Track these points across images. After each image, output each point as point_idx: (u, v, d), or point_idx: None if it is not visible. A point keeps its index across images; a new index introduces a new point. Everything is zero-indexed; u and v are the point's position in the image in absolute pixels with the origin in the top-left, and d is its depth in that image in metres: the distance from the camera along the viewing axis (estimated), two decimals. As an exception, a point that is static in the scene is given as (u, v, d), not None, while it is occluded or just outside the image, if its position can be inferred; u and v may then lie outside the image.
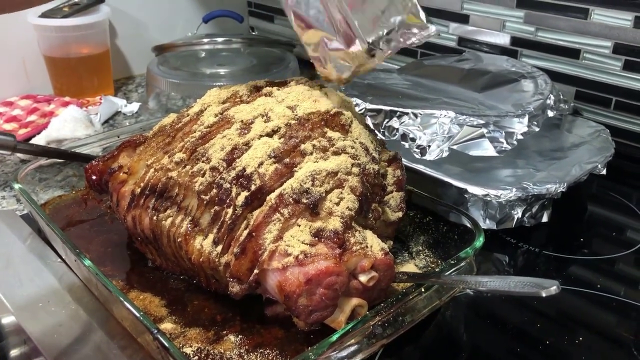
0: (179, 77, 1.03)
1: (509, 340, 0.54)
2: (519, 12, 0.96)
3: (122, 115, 1.05)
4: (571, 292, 0.60)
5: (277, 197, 0.48)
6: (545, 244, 0.68)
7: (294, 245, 0.47)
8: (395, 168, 0.58)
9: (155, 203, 0.54)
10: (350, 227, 0.48)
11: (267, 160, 0.49)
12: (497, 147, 0.69)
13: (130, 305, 0.47)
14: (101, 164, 0.61)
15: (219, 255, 0.50)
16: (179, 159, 0.53)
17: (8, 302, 0.56)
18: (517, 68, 0.89)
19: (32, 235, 0.66)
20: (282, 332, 0.52)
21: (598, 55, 0.90)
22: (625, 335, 0.54)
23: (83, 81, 1.09)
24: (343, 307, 0.48)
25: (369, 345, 0.45)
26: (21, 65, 1.10)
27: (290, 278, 0.46)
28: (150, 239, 0.56)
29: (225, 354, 0.49)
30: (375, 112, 0.76)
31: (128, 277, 0.59)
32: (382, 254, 0.49)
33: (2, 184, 0.80)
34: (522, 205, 0.66)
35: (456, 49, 1.07)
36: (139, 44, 1.23)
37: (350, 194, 0.49)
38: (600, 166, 0.72)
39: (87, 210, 0.69)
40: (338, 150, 0.50)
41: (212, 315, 0.54)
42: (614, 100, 0.90)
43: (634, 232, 0.71)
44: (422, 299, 0.49)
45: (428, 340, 0.54)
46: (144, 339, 0.49)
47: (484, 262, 0.65)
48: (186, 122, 0.56)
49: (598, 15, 0.88)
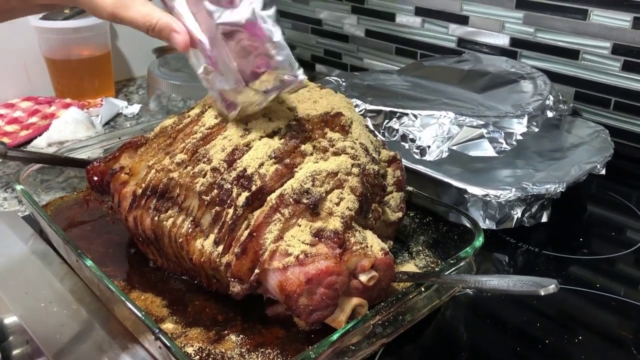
0: (180, 78, 1.04)
1: (509, 340, 0.54)
2: (518, 13, 0.97)
3: (123, 116, 1.05)
4: (571, 291, 0.61)
5: (277, 197, 0.48)
6: (544, 244, 0.68)
7: (294, 245, 0.47)
8: (395, 168, 0.58)
9: (157, 204, 0.54)
10: (350, 227, 0.49)
11: (267, 161, 0.49)
12: (496, 147, 0.70)
13: (132, 305, 0.47)
14: (102, 165, 0.61)
15: (220, 255, 0.50)
16: (180, 159, 0.53)
17: (10, 303, 0.56)
18: (517, 69, 0.90)
19: (34, 236, 0.66)
20: (283, 332, 0.52)
21: (597, 55, 0.90)
22: (624, 334, 0.55)
23: (84, 83, 1.09)
24: (343, 307, 0.49)
25: (369, 344, 0.46)
26: (22, 67, 1.10)
27: (291, 278, 0.46)
28: (152, 239, 0.56)
29: (226, 353, 0.50)
30: (375, 113, 0.76)
31: (129, 278, 0.60)
32: (382, 253, 0.49)
33: (4, 185, 0.80)
34: (521, 205, 0.66)
35: (456, 50, 1.07)
36: (140, 46, 1.23)
37: (350, 194, 0.49)
38: (599, 166, 0.72)
39: (89, 211, 0.70)
40: (338, 151, 0.51)
41: (214, 315, 0.54)
42: (613, 100, 0.90)
43: (634, 231, 0.71)
44: (422, 299, 0.50)
45: (428, 340, 0.54)
46: (146, 339, 0.49)
47: (484, 262, 0.65)
48: (187, 123, 0.56)
49: (597, 16, 0.88)
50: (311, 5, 1.30)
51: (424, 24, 1.11)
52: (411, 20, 1.13)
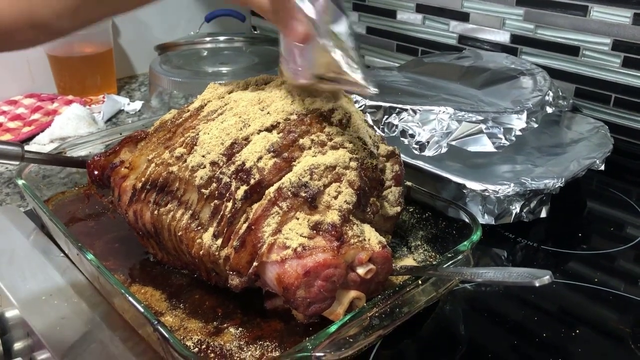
0: (182, 75, 1.04)
1: (507, 334, 0.54)
2: (519, 10, 0.97)
3: (125, 113, 1.06)
4: (569, 286, 0.61)
5: (275, 190, 0.48)
6: (544, 239, 0.68)
7: (292, 238, 0.47)
8: (393, 163, 0.59)
9: (156, 197, 0.55)
10: (348, 221, 0.49)
11: (266, 155, 0.50)
12: (495, 143, 0.70)
13: (131, 297, 0.48)
14: (103, 159, 0.62)
15: (219, 248, 0.50)
16: (180, 153, 0.53)
17: (12, 296, 0.57)
18: (517, 65, 0.90)
19: (36, 230, 0.67)
20: (282, 325, 0.52)
21: (597, 52, 0.90)
22: (622, 328, 0.55)
23: (86, 80, 1.10)
24: (341, 300, 0.49)
25: (367, 336, 0.46)
26: (25, 65, 1.11)
27: (289, 270, 0.47)
28: (152, 233, 0.57)
29: (225, 346, 0.50)
30: (374, 109, 0.76)
31: (130, 271, 0.60)
32: (380, 247, 0.49)
33: (6, 180, 0.81)
34: (520, 200, 0.67)
35: (457, 46, 1.08)
36: (142, 43, 1.24)
37: (348, 187, 0.50)
38: (598, 162, 0.72)
39: (90, 205, 0.70)
40: (336, 145, 0.51)
41: (213, 308, 0.54)
42: (613, 97, 0.91)
43: (633, 227, 0.71)
44: (419, 292, 0.50)
45: (426, 333, 0.54)
46: (145, 331, 0.49)
47: (483, 257, 0.66)
48: (186, 117, 0.57)
49: (597, 13, 0.88)
50: (312, 2, 1.31)
51: (424, 21, 1.11)
52: (412, 17, 1.13)
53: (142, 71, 1.27)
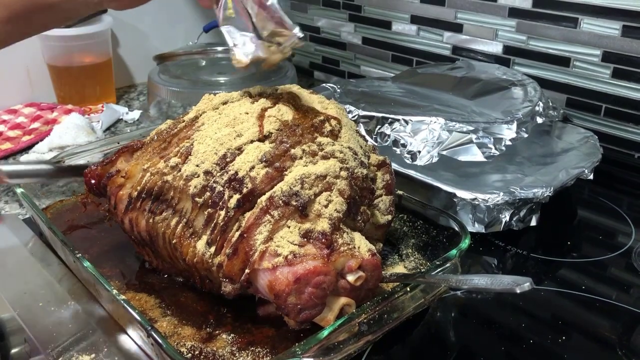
0: (180, 85, 1.06)
1: (497, 340, 0.55)
2: (511, 22, 0.98)
3: (124, 122, 1.07)
4: (558, 293, 0.62)
5: (267, 199, 0.49)
6: (534, 247, 0.69)
7: (283, 245, 0.48)
8: (384, 172, 0.60)
9: (152, 206, 0.56)
10: (338, 229, 0.50)
11: (258, 165, 0.51)
12: (485, 152, 0.71)
13: (126, 304, 0.49)
14: (100, 168, 0.63)
15: (212, 256, 0.52)
16: (174, 163, 0.55)
17: (9, 302, 0.58)
18: (508, 76, 0.91)
19: (34, 238, 0.68)
20: (273, 331, 0.53)
21: (588, 63, 0.92)
22: (610, 335, 0.56)
23: (86, 89, 1.11)
24: (332, 306, 0.50)
25: (356, 342, 0.47)
26: (25, 74, 1.13)
27: (280, 277, 0.48)
28: (147, 241, 0.58)
29: (217, 351, 0.51)
30: (367, 119, 0.78)
31: (125, 278, 0.61)
32: (370, 254, 0.50)
33: (5, 188, 0.82)
34: (509, 209, 0.68)
35: (451, 57, 1.09)
36: (141, 53, 1.25)
37: (338, 196, 0.51)
38: (587, 171, 0.73)
39: (87, 213, 0.71)
40: (327, 155, 0.52)
41: (206, 314, 0.55)
42: (603, 107, 0.92)
43: (622, 235, 0.73)
44: (408, 298, 0.51)
45: (416, 340, 0.55)
46: (140, 337, 0.50)
47: (474, 265, 0.67)
48: (181, 127, 0.58)
49: (587, 25, 0.90)
50: (309, 13, 1.33)
51: (419, 32, 1.13)
52: (407, 28, 1.15)
53: (141, 81, 1.28)
